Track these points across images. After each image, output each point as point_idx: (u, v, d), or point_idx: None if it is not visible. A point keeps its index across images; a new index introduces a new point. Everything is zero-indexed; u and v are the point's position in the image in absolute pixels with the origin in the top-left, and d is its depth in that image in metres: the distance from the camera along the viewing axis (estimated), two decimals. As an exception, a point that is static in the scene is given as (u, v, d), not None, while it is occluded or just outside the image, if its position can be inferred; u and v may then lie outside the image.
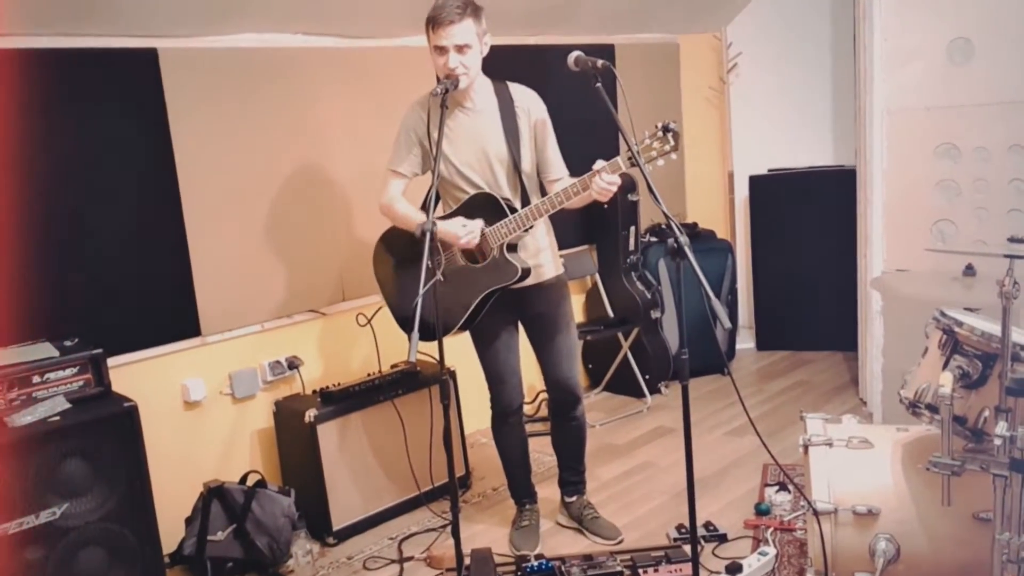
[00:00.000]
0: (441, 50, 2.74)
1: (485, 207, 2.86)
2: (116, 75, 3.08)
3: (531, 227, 2.84)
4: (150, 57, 3.13)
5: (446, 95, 2.71)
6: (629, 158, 2.53)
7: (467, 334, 3.08)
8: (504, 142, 2.89)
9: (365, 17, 3.62)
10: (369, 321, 3.55)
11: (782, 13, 5.11)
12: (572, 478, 3.32)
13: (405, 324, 3.06)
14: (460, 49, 2.73)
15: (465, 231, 2.80)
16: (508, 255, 2.86)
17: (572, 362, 3.13)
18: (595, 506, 3.33)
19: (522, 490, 3.33)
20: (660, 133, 2.53)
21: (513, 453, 3.27)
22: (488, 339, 3.08)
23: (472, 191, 2.90)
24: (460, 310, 2.93)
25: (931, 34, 3.72)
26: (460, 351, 3.17)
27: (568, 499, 3.33)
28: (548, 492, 3.45)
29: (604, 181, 2.62)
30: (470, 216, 2.85)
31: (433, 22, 2.73)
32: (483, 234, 2.84)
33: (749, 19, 5.17)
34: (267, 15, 3.35)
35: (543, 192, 2.98)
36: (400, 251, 3.08)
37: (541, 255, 3.01)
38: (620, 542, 3.16)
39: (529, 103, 2.95)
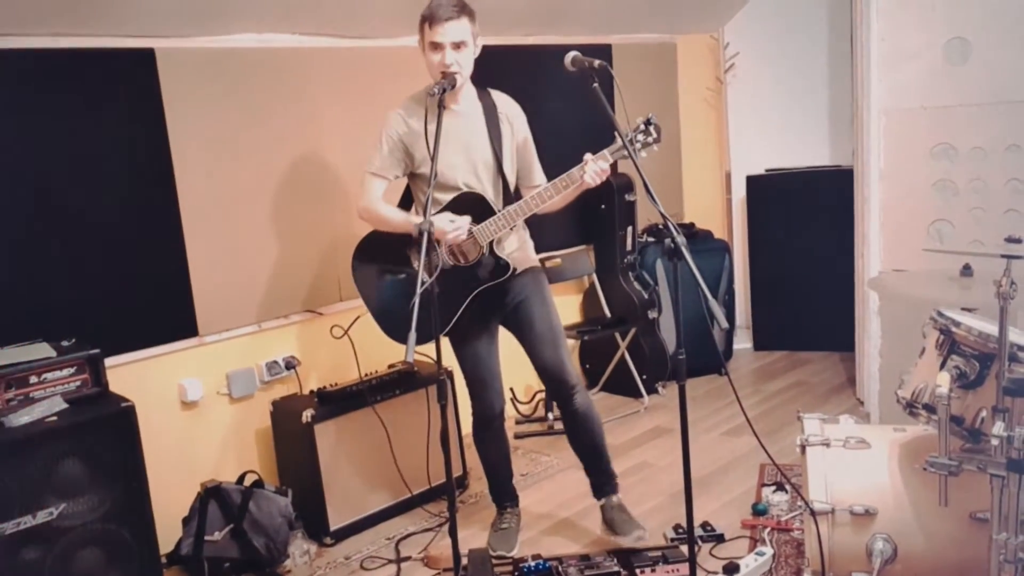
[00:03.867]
0: (437, 47, 2.75)
1: (472, 206, 2.86)
2: (113, 75, 3.07)
3: (516, 224, 2.86)
4: (147, 57, 3.13)
5: (443, 95, 2.70)
6: (619, 149, 2.66)
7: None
8: (489, 145, 2.91)
9: (362, 17, 3.62)
10: (346, 332, 3.47)
11: (779, 13, 5.11)
12: (597, 478, 3.17)
13: (392, 334, 2.98)
14: (456, 46, 2.75)
15: (453, 226, 2.80)
16: (497, 252, 2.87)
17: (557, 347, 3.02)
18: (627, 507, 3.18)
19: (503, 494, 3.30)
20: (643, 127, 2.69)
21: (495, 458, 3.25)
22: (469, 342, 3.03)
23: (454, 193, 2.89)
24: (451, 311, 2.90)
25: (928, 34, 3.72)
26: (457, 351, 3.16)
27: (599, 502, 3.17)
28: (531, 500, 3.47)
29: (596, 165, 2.70)
30: (458, 215, 2.85)
31: (430, 19, 2.74)
32: (470, 232, 2.84)
33: (746, 19, 5.17)
34: (264, 15, 3.35)
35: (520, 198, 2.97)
36: (383, 257, 3.01)
37: (516, 247, 2.99)
38: (640, 538, 3.04)
39: (512, 112, 2.99)
